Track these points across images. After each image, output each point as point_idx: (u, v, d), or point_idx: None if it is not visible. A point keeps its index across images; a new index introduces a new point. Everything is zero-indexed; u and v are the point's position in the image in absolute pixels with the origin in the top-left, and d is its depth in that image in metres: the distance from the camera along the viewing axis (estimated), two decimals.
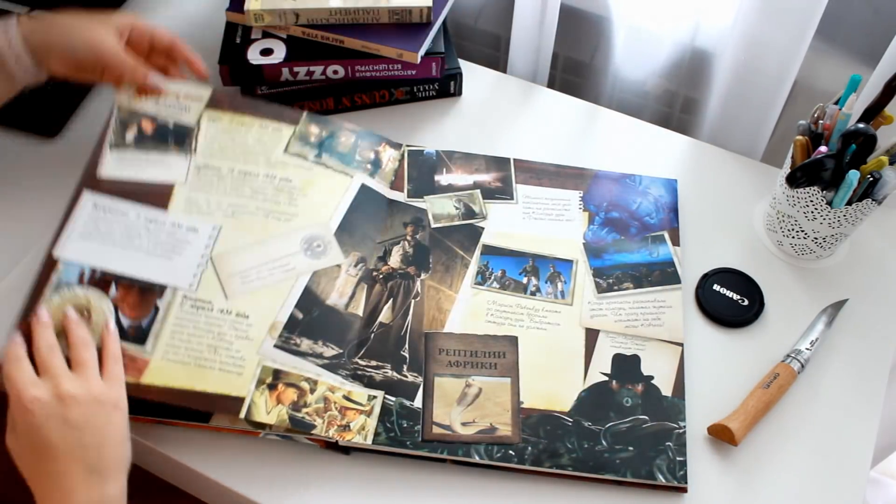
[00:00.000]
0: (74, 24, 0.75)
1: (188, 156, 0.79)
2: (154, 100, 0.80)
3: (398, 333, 0.73)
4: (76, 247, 0.71)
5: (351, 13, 0.86)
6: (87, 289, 0.69)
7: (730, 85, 0.90)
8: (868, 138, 0.71)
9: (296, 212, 0.78)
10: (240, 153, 0.80)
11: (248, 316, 0.71)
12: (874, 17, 0.88)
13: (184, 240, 0.74)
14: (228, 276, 0.73)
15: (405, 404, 0.69)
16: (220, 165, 0.79)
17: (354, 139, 0.84)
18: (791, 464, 0.69)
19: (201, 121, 0.81)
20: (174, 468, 0.71)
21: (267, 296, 0.72)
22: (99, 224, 0.73)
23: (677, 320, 0.75)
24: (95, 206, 0.74)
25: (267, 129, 0.82)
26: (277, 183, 0.79)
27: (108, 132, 0.78)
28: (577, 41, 1.05)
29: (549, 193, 0.84)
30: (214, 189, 0.77)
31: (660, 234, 0.81)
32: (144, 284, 0.71)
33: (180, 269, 0.72)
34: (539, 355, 0.73)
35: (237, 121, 0.82)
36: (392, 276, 0.77)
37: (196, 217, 0.75)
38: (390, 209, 0.81)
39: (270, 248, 0.75)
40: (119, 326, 0.68)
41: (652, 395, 0.70)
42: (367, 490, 0.66)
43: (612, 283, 0.77)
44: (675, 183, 0.86)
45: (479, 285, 0.77)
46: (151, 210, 0.75)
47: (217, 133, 0.81)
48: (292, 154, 0.81)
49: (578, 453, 0.67)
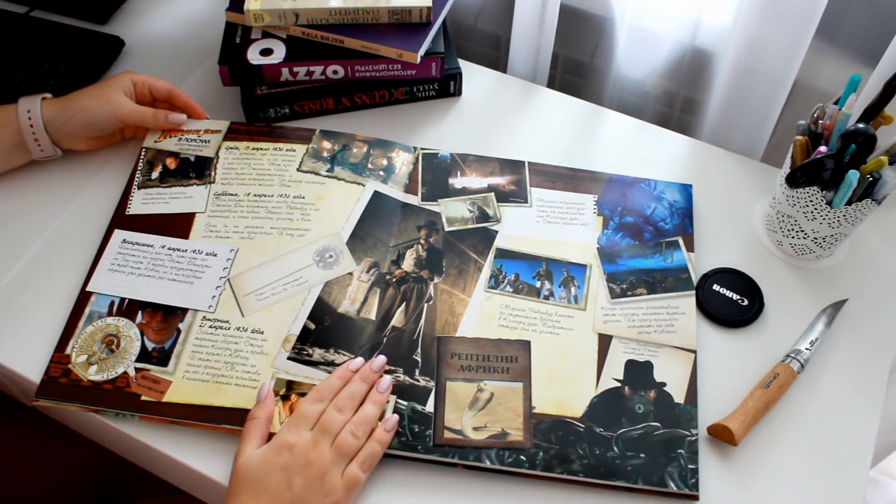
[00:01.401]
0: (90, 104, 0.81)
1: (207, 186, 0.83)
2: (177, 138, 0.86)
3: (410, 337, 0.73)
4: (106, 280, 0.76)
5: (351, 13, 0.86)
6: (117, 318, 0.74)
7: (730, 85, 0.90)
8: (868, 138, 0.71)
9: (309, 226, 0.80)
10: (255, 177, 0.84)
11: (263, 331, 0.73)
12: (874, 17, 0.88)
13: (203, 264, 0.77)
14: (244, 294, 0.75)
15: (417, 409, 0.69)
16: (236, 191, 0.83)
17: (367, 149, 0.86)
18: (791, 464, 0.69)
19: (220, 151, 0.85)
20: (178, 469, 0.71)
21: (281, 310, 0.74)
22: (127, 258, 0.78)
23: (690, 327, 0.75)
24: (124, 241, 0.79)
25: (281, 151, 0.86)
26: (291, 201, 0.82)
27: (135, 174, 0.84)
28: (577, 41, 1.05)
29: (564, 197, 0.84)
30: (231, 214, 0.81)
31: (674, 239, 0.81)
32: (168, 309, 0.75)
33: (200, 293, 0.75)
34: (551, 360, 0.72)
35: (252, 147, 0.86)
36: (405, 280, 0.77)
37: (215, 242, 0.79)
38: (404, 213, 0.82)
39: (284, 264, 0.77)
40: (143, 349, 0.72)
41: (664, 402, 0.70)
42: (378, 494, 0.66)
43: (625, 288, 0.77)
44: (691, 188, 0.85)
45: (492, 289, 0.77)
46: (174, 240, 0.79)
47: (234, 161, 0.85)
48: (305, 171, 0.84)
49: (590, 459, 0.67)
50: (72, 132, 0.81)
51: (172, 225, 0.80)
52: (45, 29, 0.99)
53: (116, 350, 0.72)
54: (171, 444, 0.68)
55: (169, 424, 0.68)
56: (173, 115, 0.86)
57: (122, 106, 0.82)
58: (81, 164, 0.86)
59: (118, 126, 0.83)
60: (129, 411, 0.68)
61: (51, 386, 0.70)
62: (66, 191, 0.84)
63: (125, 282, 0.76)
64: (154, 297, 0.75)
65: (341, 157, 0.85)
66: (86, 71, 0.94)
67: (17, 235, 0.80)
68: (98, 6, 1.02)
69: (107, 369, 0.70)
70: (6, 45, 0.96)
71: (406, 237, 0.80)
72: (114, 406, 0.69)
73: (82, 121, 0.80)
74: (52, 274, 0.77)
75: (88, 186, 0.84)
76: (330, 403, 0.67)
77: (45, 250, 0.79)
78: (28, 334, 0.73)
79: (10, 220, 0.82)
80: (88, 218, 0.82)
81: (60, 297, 0.76)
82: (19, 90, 0.85)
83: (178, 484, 0.84)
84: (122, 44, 0.98)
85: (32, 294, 0.76)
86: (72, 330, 0.73)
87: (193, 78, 0.95)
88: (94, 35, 0.98)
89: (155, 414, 0.68)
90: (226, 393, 0.69)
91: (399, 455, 0.67)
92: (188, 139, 0.86)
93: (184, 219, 0.80)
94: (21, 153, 0.81)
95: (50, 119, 0.80)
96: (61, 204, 0.83)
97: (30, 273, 0.78)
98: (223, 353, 0.72)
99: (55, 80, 0.92)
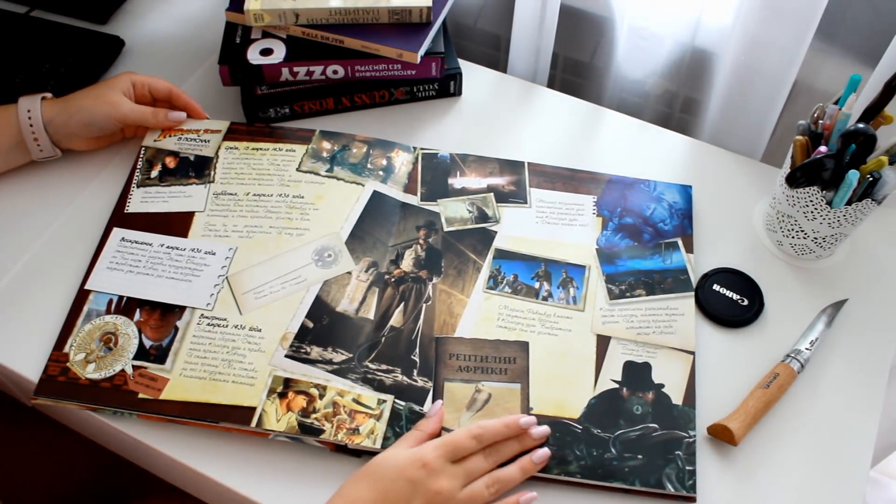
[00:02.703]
0: (89, 104, 0.81)
1: (207, 185, 0.83)
2: (176, 137, 0.86)
3: (409, 337, 0.73)
4: (105, 278, 0.76)
5: (351, 13, 0.86)
6: (115, 316, 0.74)
7: (730, 85, 0.90)
8: (868, 138, 0.71)
9: (308, 226, 0.80)
10: (255, 177, 0.84)
11: (261, 329, 0.73)
12: (874, 17, 0.88)
13: (202, 263, 0.77)
14: (243, 293, 0.75)
15: (415, 409, 0.69)
16: (236, 191, 0.83)
17: (366, 149, 0.86)
18: (791, 464, 0.69)
19: (219, 151, 0.86)
20: (177, 469, 0.71)
21: (279, 309, 0.74)
22: (126, 256, 0.78)
23: (689, 328, 0.75)
24: (123, 239, 0.79)
25: (281, 151, 0.86)
26: (290, 201, 0.82)
27: (134, 172, 0.84)
28: (577, 41, 1.05)
29: (563, 198, 0.84)
30: (231, 213, 0.81)
31: (673, 240, 0.81)
32: (166, 307, 0.75)
33: (199, 290, 0.75)
34: (549, 361, 0.72)
35: (252, 147, 0.86)
36: (404, 280, 0.77)
37: (214, 241, 0.79)
38: (403, 213, 0.82)
39: (283, 262, 0.77)
40: (141, 347, 0.72)
41: (662, 404, 0.70)
42: None
43: (624, 289, 0.77)
44: (690, 189, 0.85)
45: (490, 290, 0.77)
46: (173, 238, 0.79)
47: (233, 160, 0.85)
48: (305, 171, 0.84)
49: (587, 461, 0.67)
50: (71, 132, 0.81)
51: (171, 223, 0.80)
52: (45, 29, 0.99)
53: (114, 348, 0.72)
54: (169, 443, 0.68)
55: (167, 423, 0.68)
56: (173, 114, 0.86)
57: (121, 106, 0.82)
58: (81, 164, 0.86)
59: (118, 126, 0.83)
60: (126, 409, 0.68)
61: (49, 384, 0.70)
62: (66, 191, 0.84)
63: (124, 280, 0.76)
64: (152, 296, 0.75)
65: (341, 158, 0.85)
66: (86, 71, 0.94)
67: (17, 235, 0.80)
68: (98, 6, 1.02)
69: (105, 367, 0.70)
70: (6, 45, 0.96)
71: (405, 237, 0.80)
72: (111, 404, 0.69)
73: (82, 120, 0.80)
74: (51, 273, 0.77)
75: (88, 186, 0.84)
76: (483, 450, 0.65)
77: (44, 250, 0.79)
78: (27, 334, 0.73)
79: (10, 220, 0.82)
80: (88, 217, 0.82)
81: (59, 296, 0.76)
82: (19, 90, 0.85)
83: (177, 483, 0.84)
84: (122, 44, 0.98)
85: (32, 293, 0.76)
86: (70, 328, 0.73)
87: (193, 78, 0.96)
88: (94, 35, 0.98)
89: (152, 412, 0.68)
90: (223, 390, 0.69)
91: None
92: (188, 139, 0.86)
93: (183, 217, 0.80)
94: (21, 153, 0.81)
95: (50, 119, 0.80)
96: (61, 204, 0.83)
97: (29, 273, 0.78)
98: (220, 351, 0.72)
99: (55, 80, 0.92)
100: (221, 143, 0.86)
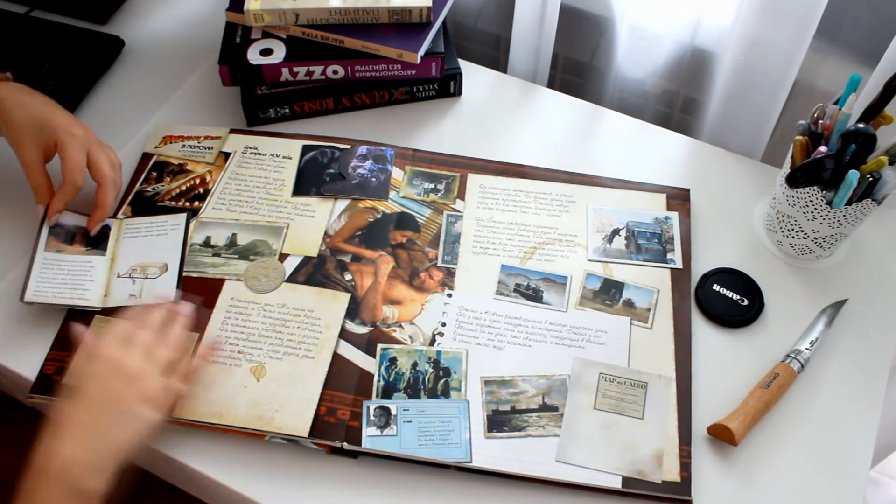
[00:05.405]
0: (12, 133, 0.75)
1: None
2: (179, 144, 0.86)
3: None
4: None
5: (351, 13, 0.86)
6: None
7: (730, 85, 0.90)
8: (868, 138, 0.71)
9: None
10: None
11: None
12: (874, 17, 0.88)
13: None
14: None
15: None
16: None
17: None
18: (791, 464, 0.69)
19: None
20: (177, 469, 0.71)
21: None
22: None
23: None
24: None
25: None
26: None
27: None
28: (577, 41, 1.05)
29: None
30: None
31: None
32: None
33: None
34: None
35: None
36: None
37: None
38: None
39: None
40: None
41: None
42: (372, 495, 0.66)
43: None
44: (689, 192, 0.86)
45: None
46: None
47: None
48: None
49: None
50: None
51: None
52: (45, 29, 0.99)
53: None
54: (168, 442, 0.68)
55: (166, 423, 0.68)
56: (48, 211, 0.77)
57: (24, 156, 0.76)
58: None
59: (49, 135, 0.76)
60: None
61: (45, 382, 0.70)
62: None
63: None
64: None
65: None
66: (86, 71, 0.94)
67: (16, 235, 0.80)
68: (98, 6, 1.02)
69: None
70: (6, 45, 0.96)
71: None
72: None
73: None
74: None
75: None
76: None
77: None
78: (27, 333, 0.74)
79: (9, 220, 0.82)
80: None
81: None
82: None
83: (177, 483, 0.84)
84: (122, 44, 0.98)
85: None
86: (69, 328, 0.73)
87: (193, 78, 0.95)
88: (94, 35, 0.98)
89: None
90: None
91: (393, 455, 0.67)
92: (190, 146, 0.86)
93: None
94: None
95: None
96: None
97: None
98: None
99: (55, 80, 0.92)
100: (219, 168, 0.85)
